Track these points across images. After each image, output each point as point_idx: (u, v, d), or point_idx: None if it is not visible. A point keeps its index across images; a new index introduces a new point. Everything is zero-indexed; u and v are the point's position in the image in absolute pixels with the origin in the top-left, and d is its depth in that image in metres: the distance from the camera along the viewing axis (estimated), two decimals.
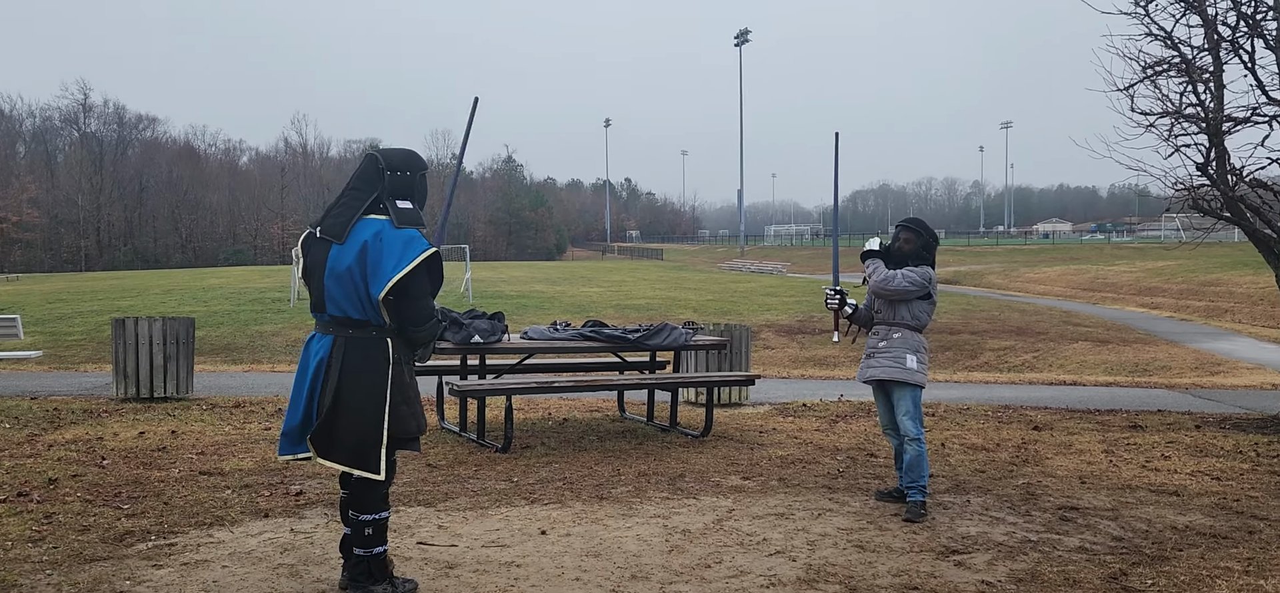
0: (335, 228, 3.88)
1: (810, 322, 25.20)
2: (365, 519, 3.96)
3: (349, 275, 3.82)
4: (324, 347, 3.90)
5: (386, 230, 3.83)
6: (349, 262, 3.81)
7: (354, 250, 3.81)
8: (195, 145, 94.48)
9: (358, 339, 3.86)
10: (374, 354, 3.86)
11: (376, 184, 3.92)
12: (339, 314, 3.87)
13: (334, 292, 3.86)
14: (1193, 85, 8.89)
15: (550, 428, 8.50)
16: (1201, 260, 37.43)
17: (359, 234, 3.84)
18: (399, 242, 3.80)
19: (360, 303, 3.84)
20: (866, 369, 5.88)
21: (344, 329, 3.88)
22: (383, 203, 3.91)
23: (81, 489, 5.90)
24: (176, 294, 31.38)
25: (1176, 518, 5.58)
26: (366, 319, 3.86)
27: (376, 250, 3.79)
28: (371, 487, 3.95)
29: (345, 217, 3.89)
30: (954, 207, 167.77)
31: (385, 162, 3.94)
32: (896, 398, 5.77)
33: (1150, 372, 17.47)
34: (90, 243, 77.43)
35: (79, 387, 11.40)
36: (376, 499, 3.96)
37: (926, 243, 5.86)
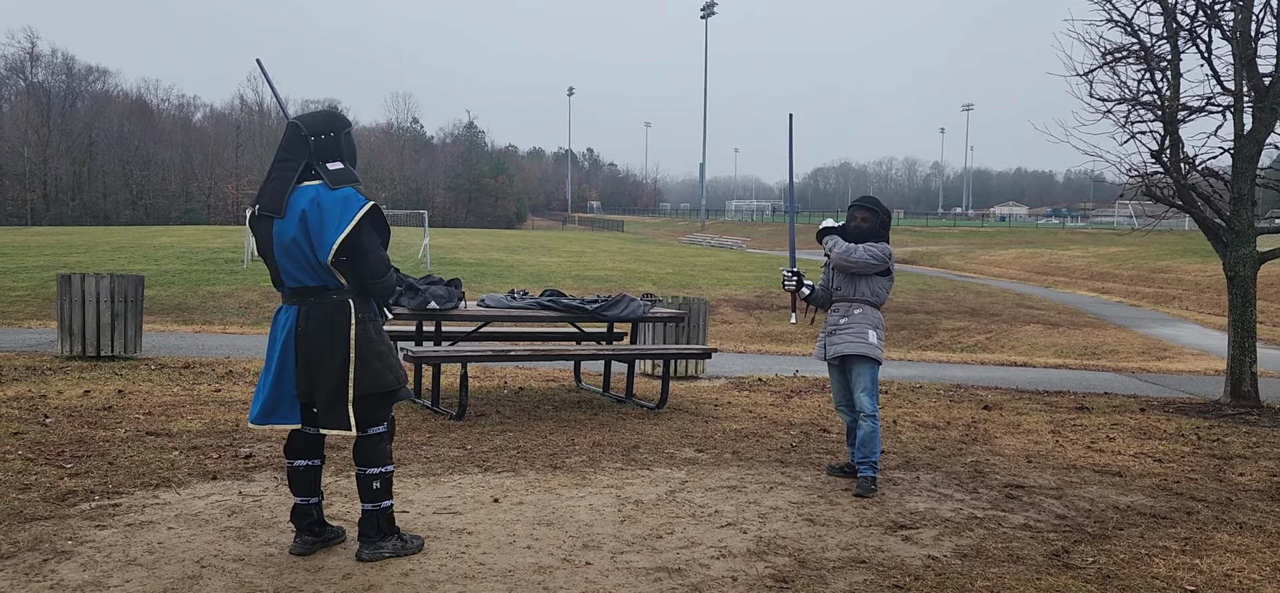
0: (273, 202, 3.90)
1: (768, 298, 25.36)
2: (372, 473, 4.03)
3: (295, 246, 3.87)
4: (290, 316, 3.96)
5: (322, 194, 3.87)
6: (293, 232, 3.86)
7: (294, 221, 3.86)
8: (148, 100, 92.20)
9: (319, 304, 3.92)
10: (337, 316, 3.92)
11: (303, 151, 3.93)
12: (295, 285, 3.93)
13: (286, 264, 3.92)
14: (1151, 73, 9.04)
15: (505, 397, 8.47)
16: (1152, 247, 38.28)
17: (296, 204, 3.87)
18: (337, 202, 3.85)
19: (312, 270, 3.89)
20: (829, 346, 5.86)
21: (305, 297, 3.93)
22: (314, 168, 3.93)
23: (23, 448, 5.76)
24: (126, 251, 30.70)
25: (1118, 498, 5.71)
26: (323, 284, 3.91)
27: (316, 216, 3.83)
28: (375, 441, 4.03)
29: (280, 189, 3.90)
30: (914, 187, 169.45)
31: (307, 127, 3.95)
32: (856, 373, 5.78)
33: (1099, 355, 17.86)
34: (36, 196, 75.33)
35: (22, 343, 11.13)
36: (380, 453, 4.04)
37: (882, 221, 5.89)
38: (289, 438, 4.13)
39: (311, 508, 4.15)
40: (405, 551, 4.13)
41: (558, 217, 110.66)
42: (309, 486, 4.14)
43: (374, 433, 4.04)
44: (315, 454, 4.15)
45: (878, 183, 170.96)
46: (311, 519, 4.15)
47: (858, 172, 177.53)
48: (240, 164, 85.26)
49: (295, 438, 4.12)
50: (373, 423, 4.02)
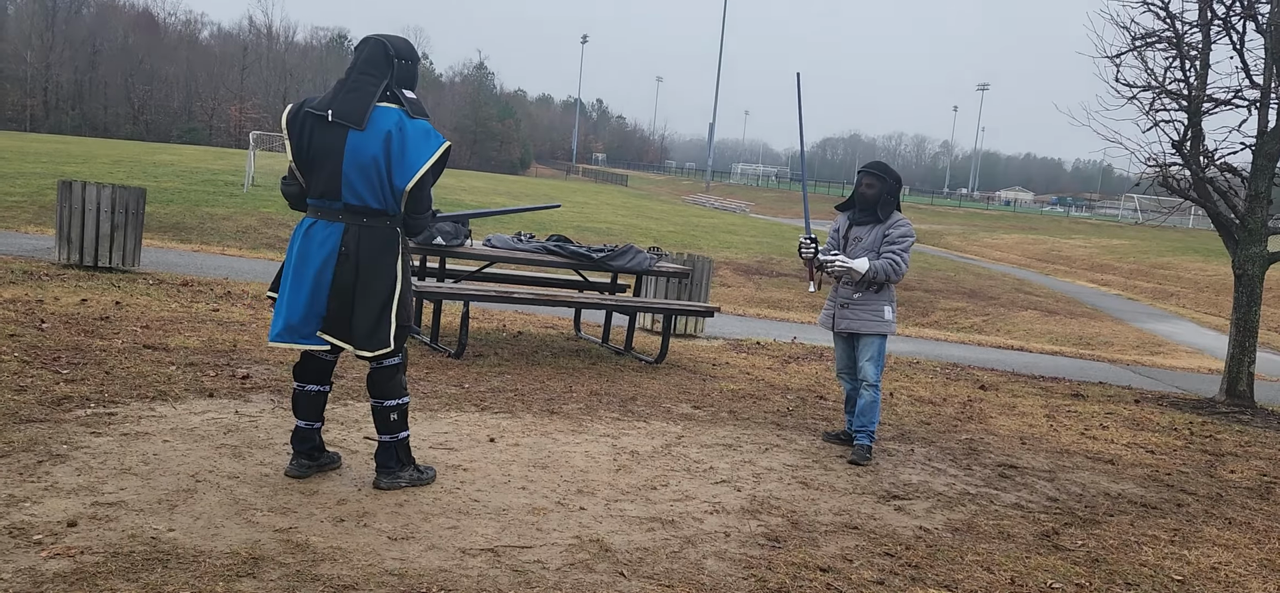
0: (352, 113, 3.76)
1: (769, 263, 25.33)
2: (389, 405, 4.03)
3: (373, 165, 3.77)
4: (333, 234, 3.83)
5: (406, 120, 3.82)
6: (373, 151, 3.76)
7: (378, 140, 3.77)
8: (155, 13, 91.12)
9: (373, 227, 3.85)
10: (391, 243, 3.90)
11: (386, 71, 3.85)
12: (356, 203, 3.82)
13: (354, 180, 3.79)
14: (1180, 60, 8.95)
15: (504, 340, 8.46)
16: (1153, 243, 38.26)
17: (380, 123, 3.78)
18: (420, 134, 3.83)
19: (381, 193, 3.82)
20: (840, 319, 5.70)
21: (358, 217, 3.83)
22: (392, 90, 3.85)
23: (19, 350, 5.73)
24: (125, 165, 30.52)
25: (1110, 485, 5.73)
26: (384, 209, 3.86)
27: (401, 142, 3.78)
28: (391, 373, 4.02)
29: (362, 102, 3.78)
30: (922, 164, 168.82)
31: (393, 49, 3.88)
32: (863, 343, 5.67)
33: (1094, 345, 17.89)
34: (36, 103, 74.76)
35: (19, 248, 11.07)
36: (397, 385, 4.04)
37: (891, 187, 5.65)
38: (301, 360, 4.09)
39: (314, 432, 4.13)
40: (421, 480, 4.16)
41: (562, 166, 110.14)
42: (315, 410, 4.12)
43: (390, 364, 4.02)
44: (325, 380, 4.13)
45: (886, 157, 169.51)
46: (312, 444, 4.13)
47: (867, 144, 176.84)
48: (245, 86, 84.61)
49: (308, 362, 4.08)
50: (391, 354, 3.99)
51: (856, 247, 5.69)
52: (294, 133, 3.83)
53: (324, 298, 3.85)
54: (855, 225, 5.75)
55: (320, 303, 3.86)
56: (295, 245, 3.88)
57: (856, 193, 5.76)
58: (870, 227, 5.67)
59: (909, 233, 5.61)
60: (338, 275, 3.83)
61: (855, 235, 5.72)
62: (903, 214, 5.73)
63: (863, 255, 5.62)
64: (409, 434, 4.17)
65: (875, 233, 5.64)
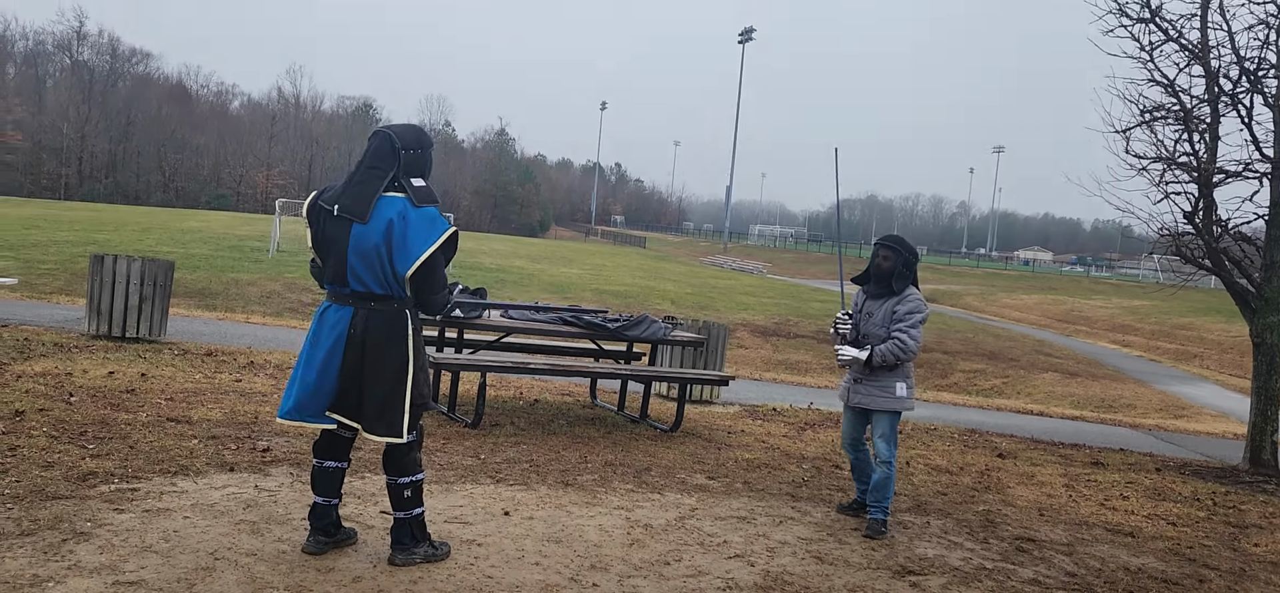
0: (357, 207, 3.95)
1: (786, 325, 25.33)
2: (403, 482, 4.12)
3: (375, 254, 3.93)
4: (343, 318, 4.00)
5: (409, 210, 3.95)
6: (375, 241, 3.92)
7: (379, 230, 3.92)
8: (187, 85, 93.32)
9: (381, 312, 3.99)
10: (398, 326, 4.01)
11: (392, 163, 4.00)
12: (361, 289, 3.99)
13: (358, 269, 3.96)
14: (1188, 134, 9.01)
15: (521, 408, 8.52)
16: (1176, 303, 37.91)
17: (382, 213, 3.94)
18: (424, 222, 3.95)
19: (384, 279, 3.97)
20: (854, 393, 5.75)
21: (365, 302, 4.00)
22: (399, 181, 4.00)
23: (48, 425, 5.86)
24: (155, 233, 31.09)
25: (1130, 559, 5.68)
26: (389, 294, 3.99)
27: (402, 230, 3.91)
28: (406, 450, 4.11)
29: (366, 196, 3.96)
30: (939, 225, 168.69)
31: (400, 141, 4.03)
32: (876, 420, 5.70)
33: (1116, 409, 17.70)
34: (72, 172, 76.41)
35: (50, 319, 11.30)
36: (412, 461, 4.13)
37: (906, 261, 5.71)
38: (319, 437, 4.20)
39: (331, 508, 4.21)
40: (435, 556, 4.22)
41: (582, 228, 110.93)
42: (332, 487, 4.20)
43: (407, 442, 4.09)
44: (343, 457, 4.23)
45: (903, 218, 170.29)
46: (329, 519, 4.21)
47: (883, 206, 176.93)
48: (273, 154, 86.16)
49: (327, 438, 4.18)
50: (411, 431, 4.08)
51: (868, 322, 5.76)
52: (311, 222, 4.08)
53: (333, 379, 4.00)
54: (870, 299, 5.81)
55: (329, 383, 4.00)
56: (312, 327, 4.08)
57: (872, 266, 5.82)
58: (882, 301, 5.73)
59: (917, 308, 5.64)
60: (346, 358, 3.99)
61: (868, 310, 5.80)
62: (918, 290, 5.78)
63: (873, 329, 5.70)
64: (424, 511, 4.23)
65: (885, 308, 5.69)
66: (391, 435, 4.00)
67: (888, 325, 5.63)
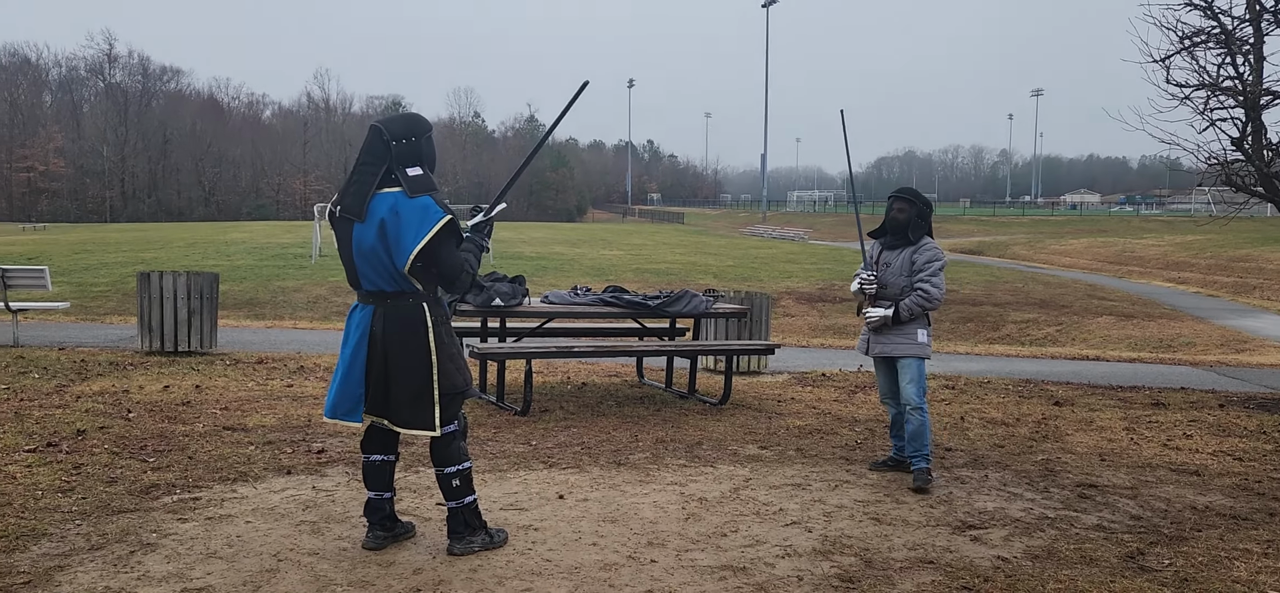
0: (354, 206, 3.95)
1: (831, 290, 25.11)
2: (450, 471, 4.13)
3: (373, 253, 3.93)
4: (365, 317, 4.03)
5: (401, 202, 3.90)
6: (371, 240, 3.91)
7: (374, 228, 3.91)
8: (219, 98, 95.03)
9: (397, 308, 3.99)
10: (413, 320, 3.99)
11: (384, 156, 3.96)
12: (372, 289, 4.01)
13: (364, 268, 3.99)
14: (1232, 57, 8.72)
15: (569, 392, 8.55)
16: (1231, 236, 36.93)
17: (376, 210, 3.92)
18: (416, 211, 3.88)
19: (390, 276, 3.95)
20: (875, 343, 5.84)
21: (381, 300, 4.01)
22: (393, 173, 3.96)
23: (108, 441, 5.99)
24: (200, 247, 31.66)
25: (1196, 498, 5.55)
26: (400, 289, 3.98)
27: (395, 225, 3.88)
28: (449, 440, 4.11)
29: (361, 193, 3.95)
30: (980, 175, 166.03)
31: (389, 132, 3.98)
32: (902, 367, 5.76)
33: (1175, 348, 17.32)
34: (115, 194, 78.15)
35: (105, 339, 11.56)
36: (456, 451, 4.13)
37: (920, 211, 5.81)
38: (366, 433, 4.24)
39: (385, 503, 4.25)
40: (492, 544, 4.24)
41: (618, 209, 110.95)
42: (383, 480, 4.24)
43: (447, 432, 4.10)
44: (390, 450, 4.26)
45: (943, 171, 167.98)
46: (384, 514, 4.24)
47: (923, 160, 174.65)
48: (307, 160, 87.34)
49: (372, 433, 4.23)
50: (446, 422, 4.09)
51: (886, 272, 5.83)
52: (332, 227, 4.16)
53: (358, 378, 4.02)
54: (886, 250, 5.90)
55: (355, 383, 4.02)
56: (345, 328, 4.14)
57: (888, 218, 5.90)
58: (899, 251, 5.82)
59: (936, 256, 5.73)
60: (370, 356, 4.02)
61: (886, 261, 5.87)
62: (933, 239, 5.87)
63: (891, 278, 5.77)
64: (476, 498, 4.25)
65: (903, 256, 5.78)
66: (423, 429, 4.02)
67: (907, 275, 5.73)
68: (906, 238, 5.79)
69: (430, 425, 4.02)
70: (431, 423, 4.02)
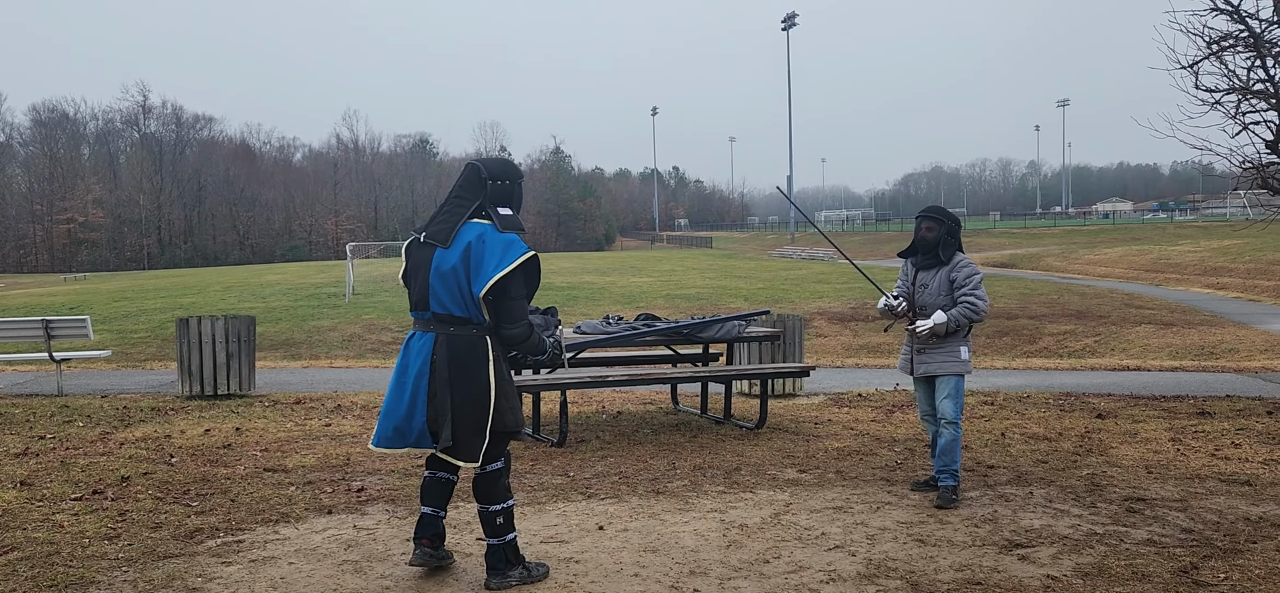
0: (441, 233, 4.11)
1: (863, 309, 24.94)
2: (494, 509, 4.18)
3: (453, 274, 4.04)
4: (426, 344, 4.12)
5: (489, 233, 4.06)
6: (454, 261, 4.04)
7: (458, 251, 4.05)
8: (250, 144, 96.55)
9: (460, 336, 4.08)
10: (477, 350, 4.08)
11: (479, 192, 4.15)
12: (441, 312, 4.09)
13: (438, 289, 4.08)
14: (1261, 59, 8.60)
15: (604, 422, 8.54)
16: (1270, 239, 36.18)
17: (463, 237, 4.07)
18: (500, 244, 4.04)
19: (463, 301, 4.06)
20: (918, 364, 5.83)
21: (446, 326, 4.09)
22: (485, 209, 4.14)
23: (152, 487, 6.07)
24: (236, 291, 32.11)
25: (1249, 509, 5.42)
26: (468, 317, 4.08)
27: (479, 251, 4.02)
28: (495, 478, 4.18)
29: (451, 222, 4.12)
30: (1009, 188, 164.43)
31: (487, 171, 4.18)
32: (940, 382, 5.76)
33: (1217, 355, 16.98)
34: (152, 241, 79.54)
35: (146, 385, 11.73)
36: (500, 489, 4.19)
37: (950, 229, 5.82)
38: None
39: (437, 519, 4.34)
40: (530, 579, 4.25)
41: (646, 236, 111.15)
42: (441, 498, 4.33)
43: (493, 470, 4.17)
44: (455, 469, 4.34)
45: (971, 186, 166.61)
46: (435, 531, 4.32)
47: (950, 175, 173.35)
48: (338, 200, 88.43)
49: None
50: (492, 460, 4.15)
51: (924, 292, 5.82)
52: (406, 256, 4.29)
53: (423, 404, 4.10)
54: (921, 270, 5.89)
55: (420, 410, 4.10)
56: (400, 357, 4.21)
57: (917, 238, 5.91)
58: (934, 270, 5.82)
59: (975, 271, 5.76)
60: (431, 382, 4.09)
61: (922, 281, 5.87)
62: (965, 254, 5.89)
63: (930, 299, 5.77)
64: (516, 535, 4.28)
65: (940, 276, 5.78)
66: (467, 460, 4.07)
67: (947, 294, 5.74)
68: (938, 256, 5.79)
69: (474, 458, 4.06)
70: (476, 456, 4.06)
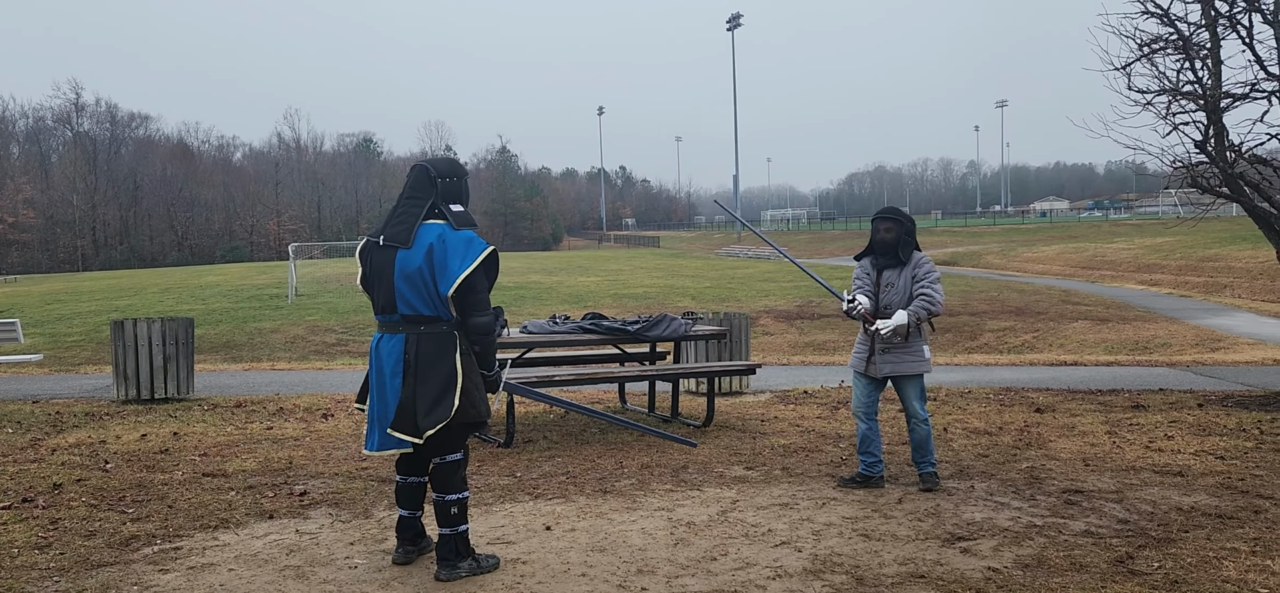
0: (401, 235, 4.21)
1: (809, 306, 25.21)
2: (450, 499, 4.28)
3: (419, 276, 4.15)
4: (396, 345, 4.22)
5: (448, 233, 4.18)
6: (418, 263, 4.14)
7: (421, 253, 4.15)
8: (188, 142, 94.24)
9: (429, 334, 4.19)
10: (447, 345, 4.19)
11: (430, 192, 4.27)
12: (409, 313, 4.20)
13: (405, 291, 4.19)
14: (1190, 62, 8.87)
15: (552, 421, 8.50)
16: (1200, 236, 37.46)
17: (424, 238, 4.18)
18: (461, 243, 4.17)
19: (430, 300, 4.18)
20: (882, 365, 5.85)
21: (415, 326, 4.20)
22: (438, 208, 4.26)
23: (86, 494, 5.89)
24: (174, 292, 31.33)
25: (1181, 499, 5.58)
26: (436, 315, 4.20)
27: (442, 252, 4.14)
28: (453, 469, 4.28)
29: (408, 224, 4.22)
30: (950, 187, 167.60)
31: (436, 171, 4.31)
32: (907, 385, 5.88)
33: (1151, 349, 17.50)
34: (86, 243, 77.20)
35: (80, 389, 11.38)
36: (458, 480, 4.30)
37: (908, 229, 5.94)
38: (401, 456, 4.42)
39: (415, 520, 4.48)
40: (479, 570, 4.33)
41: (593, 235, 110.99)
42: (414, 500, 4.45)
43: (452, 460, 4.28)
44: (424, 472, 4.44)
45: (913, 185, 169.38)
46: (415, 531, 4.48)
47: (893, 175, 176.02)
48: (280, 200, 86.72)
49: (405, 456, 4.41)
50: (452, 450, 4.28)
51: (889, 292, 5.90)
52: (362, 260, 4.37)
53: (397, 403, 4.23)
54: (884, 269, 5.94)
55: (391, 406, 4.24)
56: (371, 362, 4.31)
57: (875, 239, 6.00)
58: (898, 269, 5.90)
59: (933, 267, 5.90)
60: (405, 380, 4.19)
61: (887, 280, 5.93)
62: (923, 252, 6.00)
63: (895, 298, 5.85)
64: (468, 527, 4.38)
65: (904, 275, 5.87)
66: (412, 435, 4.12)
67: (909, 291, 5.84)
68: (897, 257, 5.88)
69: (418, 433, 4.11)
70: (419, 431, 4.11)
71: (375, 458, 6.71)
